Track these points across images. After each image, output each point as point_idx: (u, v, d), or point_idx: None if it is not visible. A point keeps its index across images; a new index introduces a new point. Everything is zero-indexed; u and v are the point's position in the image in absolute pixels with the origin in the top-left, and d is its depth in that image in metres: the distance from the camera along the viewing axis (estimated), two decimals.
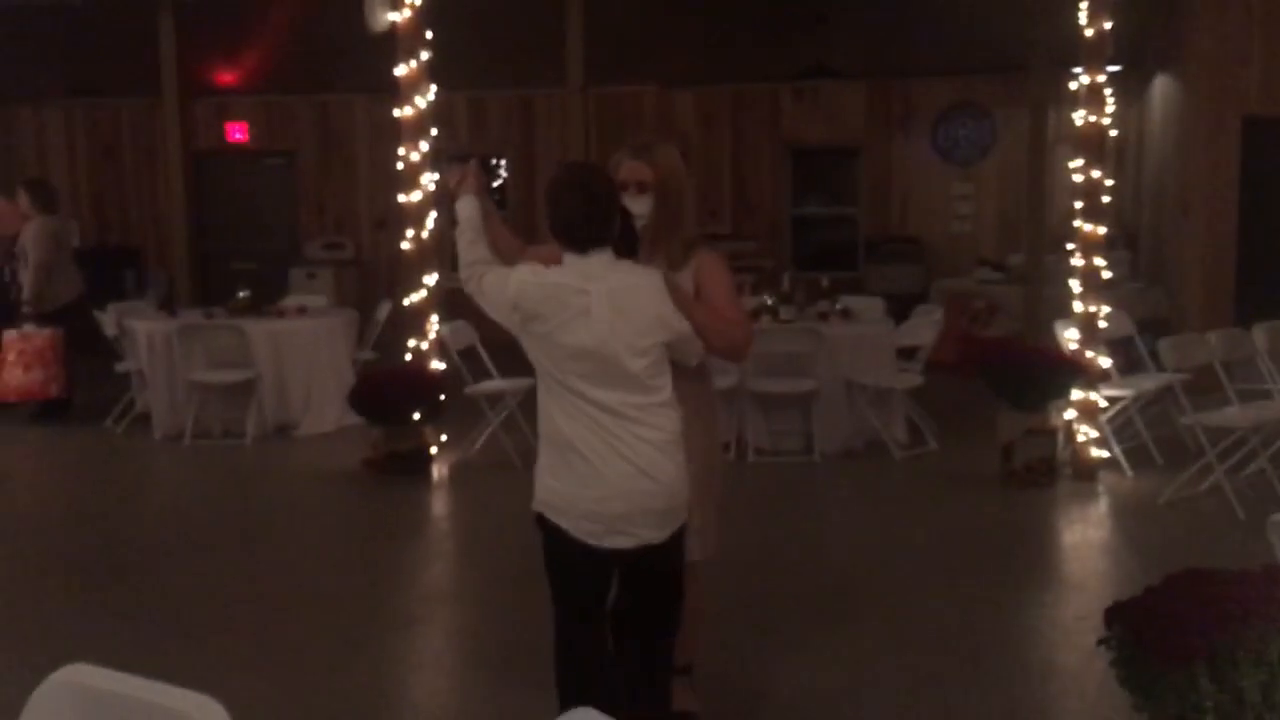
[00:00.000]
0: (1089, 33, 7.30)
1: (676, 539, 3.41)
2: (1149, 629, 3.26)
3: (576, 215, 3.28)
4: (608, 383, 3.24)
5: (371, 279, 13.76)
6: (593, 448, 3.25)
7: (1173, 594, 3.35)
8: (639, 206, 3.63)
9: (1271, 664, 3.14)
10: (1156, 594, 3.40)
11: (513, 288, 3.32)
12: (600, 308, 3.24)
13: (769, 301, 8.50)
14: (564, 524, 3.32)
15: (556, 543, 3.38)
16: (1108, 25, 7.26)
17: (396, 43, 7.89)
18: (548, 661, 3.54)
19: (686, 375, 3.50)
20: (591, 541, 3.31)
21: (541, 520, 3.40)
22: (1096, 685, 4.31)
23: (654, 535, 3.33)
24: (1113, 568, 5.94)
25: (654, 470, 3.27)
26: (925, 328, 8.55)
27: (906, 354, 8.56)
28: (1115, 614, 3.43)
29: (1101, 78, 7.34)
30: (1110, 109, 7.62)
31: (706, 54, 12.89)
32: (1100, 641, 3.48)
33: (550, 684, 3.51)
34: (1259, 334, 7.33)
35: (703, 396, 3.74)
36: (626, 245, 3.41)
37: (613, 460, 3.24)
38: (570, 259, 3.32)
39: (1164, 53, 10.99)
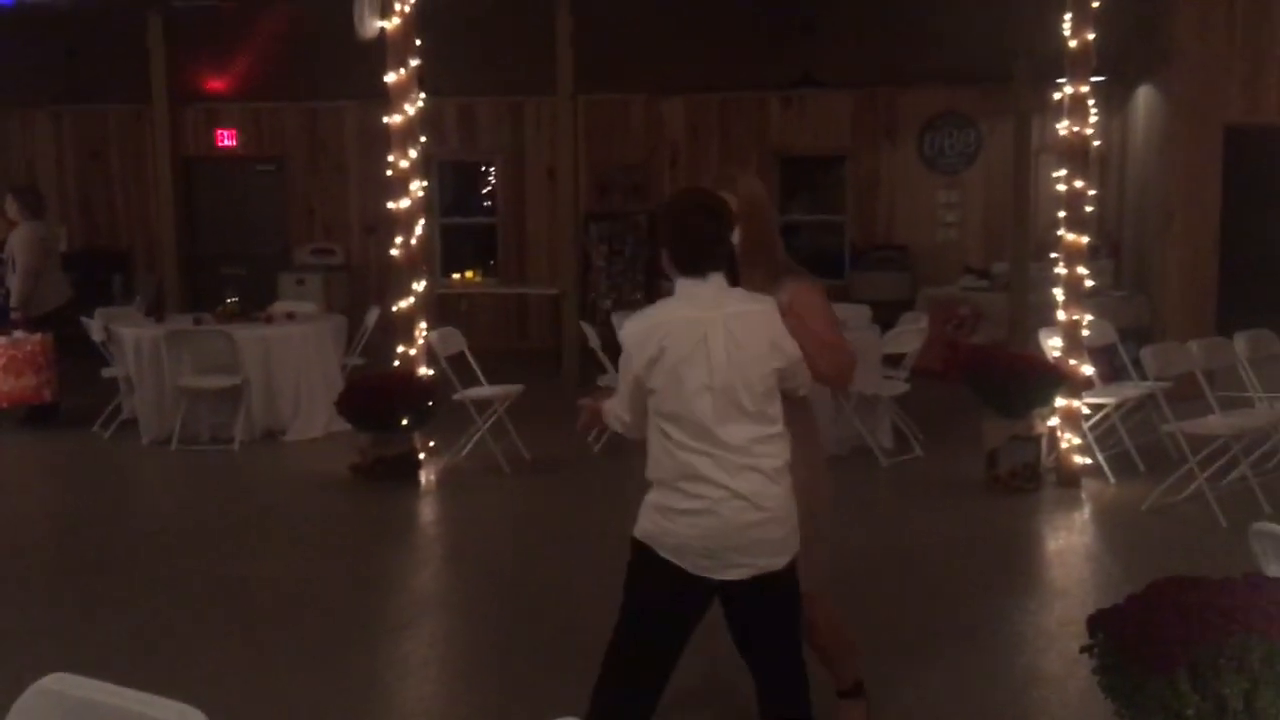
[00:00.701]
0: (1073, 44, 7.36)
1: (792, 563, 3.37)
2: (1132, 636, 3.28)
3: (704, 235, 3.26)
4: (728, 415, 3.20)
5: (361, 285, 13.75)
6: (708, 490, 3.20)
7: (1155, 601, 3.38)
8: None
9: (1253, 671, 3.17)
10: (1139, 601, 3.42)
11: (632, 352, 3.26)
12: (717, 337, 3.20)
13: None
14: (681, 563, 3.26)
15: (653, 567, 3.30)
16: (1091, 36, 7.32)
17: (386, 49, 7.91)
18: (535, 666, 3.56)
19: (789, 404, 3.45)
20: (709, 576, 3.26)
21: (644, 548, 3.32)
22: (1079, 692, 4.35)
23: (772, 563, 3.29)
24: (1096, 574, 5.98)
25: (765, 501, 3.23)
26: (911, 335, 8.59)
27: (892, 361, 8.60)
28: (1098, 621, 3.45)
29: (1085, 88, 7.39)
30: (1094, 119, 7.67)
31: (695, 62, 12.91)
32: (1084, 649, 3.50)
33: (537, 689, 3.53)
34: (1240, 342, 7.39)
35: (806, 424, 3.67)
36: (731, 272, 3.39)
37: (727, 500, 3.20)
38: (684, 286, 3.28)
39: (1147, 63, 11.07)
